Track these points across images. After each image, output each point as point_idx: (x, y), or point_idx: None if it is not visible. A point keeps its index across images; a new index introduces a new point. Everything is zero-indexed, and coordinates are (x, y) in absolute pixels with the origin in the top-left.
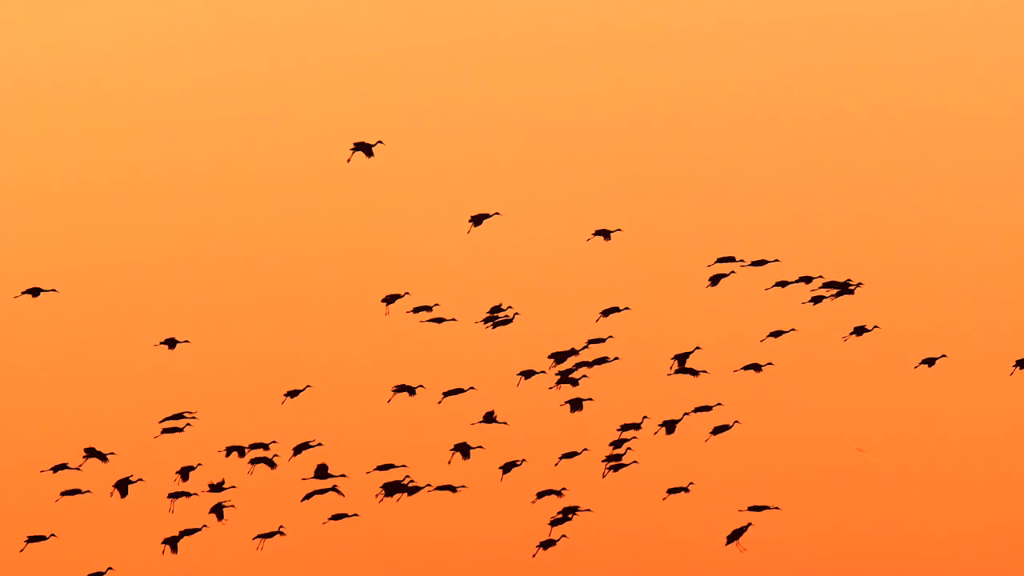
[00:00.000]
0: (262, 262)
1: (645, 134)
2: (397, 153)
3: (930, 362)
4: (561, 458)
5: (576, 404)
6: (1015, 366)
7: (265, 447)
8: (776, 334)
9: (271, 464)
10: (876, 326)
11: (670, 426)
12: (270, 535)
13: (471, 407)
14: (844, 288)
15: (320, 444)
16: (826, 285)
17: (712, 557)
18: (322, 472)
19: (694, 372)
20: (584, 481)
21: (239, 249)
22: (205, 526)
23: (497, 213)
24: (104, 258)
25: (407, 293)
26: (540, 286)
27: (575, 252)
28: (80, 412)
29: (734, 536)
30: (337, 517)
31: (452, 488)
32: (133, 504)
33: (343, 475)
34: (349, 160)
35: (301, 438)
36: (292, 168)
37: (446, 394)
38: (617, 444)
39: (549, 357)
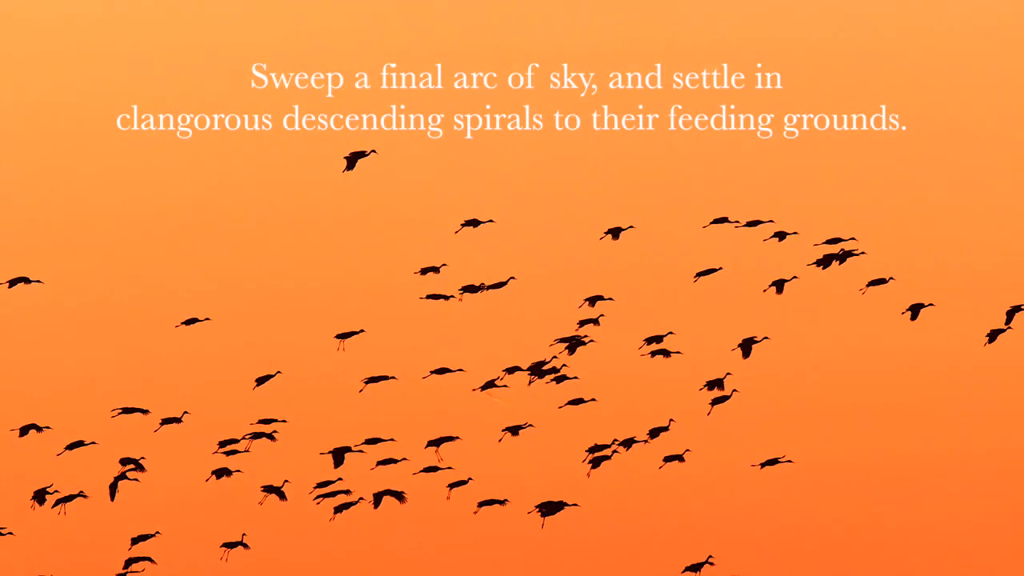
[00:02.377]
0: (246, 244)
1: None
2: (391, 147)
3: (915, 312)
4: (568, 403)
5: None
6: (987, 337)
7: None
8: (779, 284)
9: (227, 473)
10: (892, 277)
11: (654, 432)
12: (234, 544)
13: (461, 387)
14: (843, 255)
15: (275, 432)
16: (829, 242)
17: (722, 517)
18: (339, 455)
19: (667, 353)
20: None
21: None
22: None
23: (491, 220)
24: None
25: (362, 330)
26: (533, 269)
27: (568, 237)
28: (63, 399)
29: (692, 569)
30: (330, 494)
31: (435, 468)
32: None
33: (360, 450)
34: (344, 171)
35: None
36: (288, 161)
37: (434, 372)
38: (595, 450)
39: (528, 371)
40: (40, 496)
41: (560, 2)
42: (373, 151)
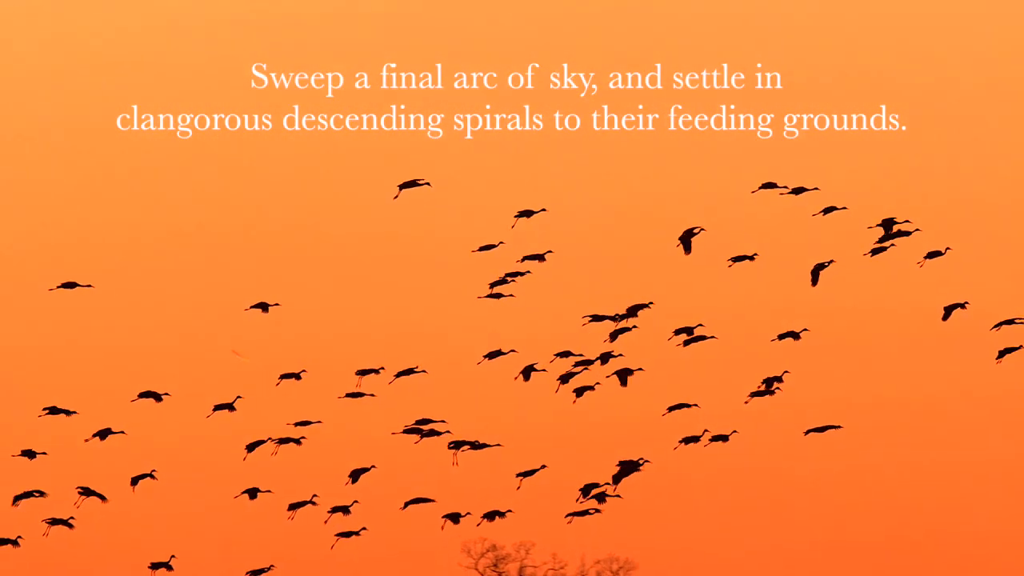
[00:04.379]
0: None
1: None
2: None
3: (947, 313)
4: (614, 373)
5: (624, 374)
6: (998, 357)
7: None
8: (816, 271)
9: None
10: (948, 248)
11: (687, 440)
12: (260, 572)
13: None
14: (890, 233)
15: (303, 438)
16: (883, 223)
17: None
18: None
19: (702, 337)
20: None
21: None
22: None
23: (543, 210)
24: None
25: (383, 368)
26: (574, 262)
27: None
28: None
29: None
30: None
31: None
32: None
33: (443, 421)
34: (396, 197)
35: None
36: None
37: (487, 356)
38: (626, 465)
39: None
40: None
41: (560, 2)
42: (427, 183)
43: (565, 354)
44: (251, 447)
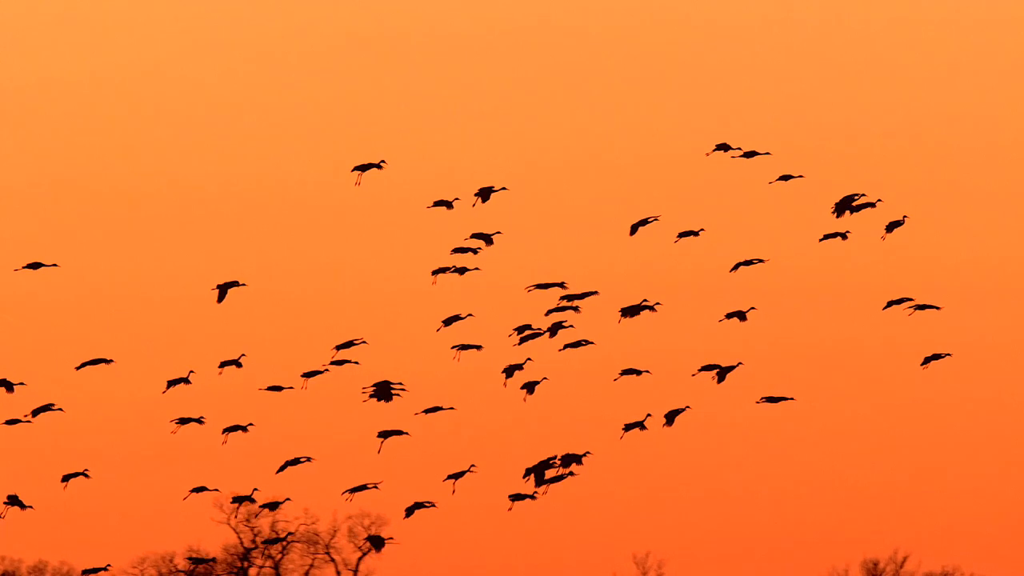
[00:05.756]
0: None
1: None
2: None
3: (888, 305)
4: (566, 347)
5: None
6: (923, 363)
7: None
8: (743, 264)
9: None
10: (905, 216)
11: (629, 427)
12: (201, 561)
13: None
14: (848, 205)
15: (251, 424)
16: (845, 199)
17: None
18: (384, 389)
19: (649, 308)
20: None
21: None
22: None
23: (504, 188)
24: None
25: (353, 367)
26: (525, 227)
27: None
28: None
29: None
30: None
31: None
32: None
33: (401, 384)
34: (358, 183)
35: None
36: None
37: (445, 322)
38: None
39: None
40: None
41: None
42: (383, 161)
43: (523, 328)
44: (183, 421)
